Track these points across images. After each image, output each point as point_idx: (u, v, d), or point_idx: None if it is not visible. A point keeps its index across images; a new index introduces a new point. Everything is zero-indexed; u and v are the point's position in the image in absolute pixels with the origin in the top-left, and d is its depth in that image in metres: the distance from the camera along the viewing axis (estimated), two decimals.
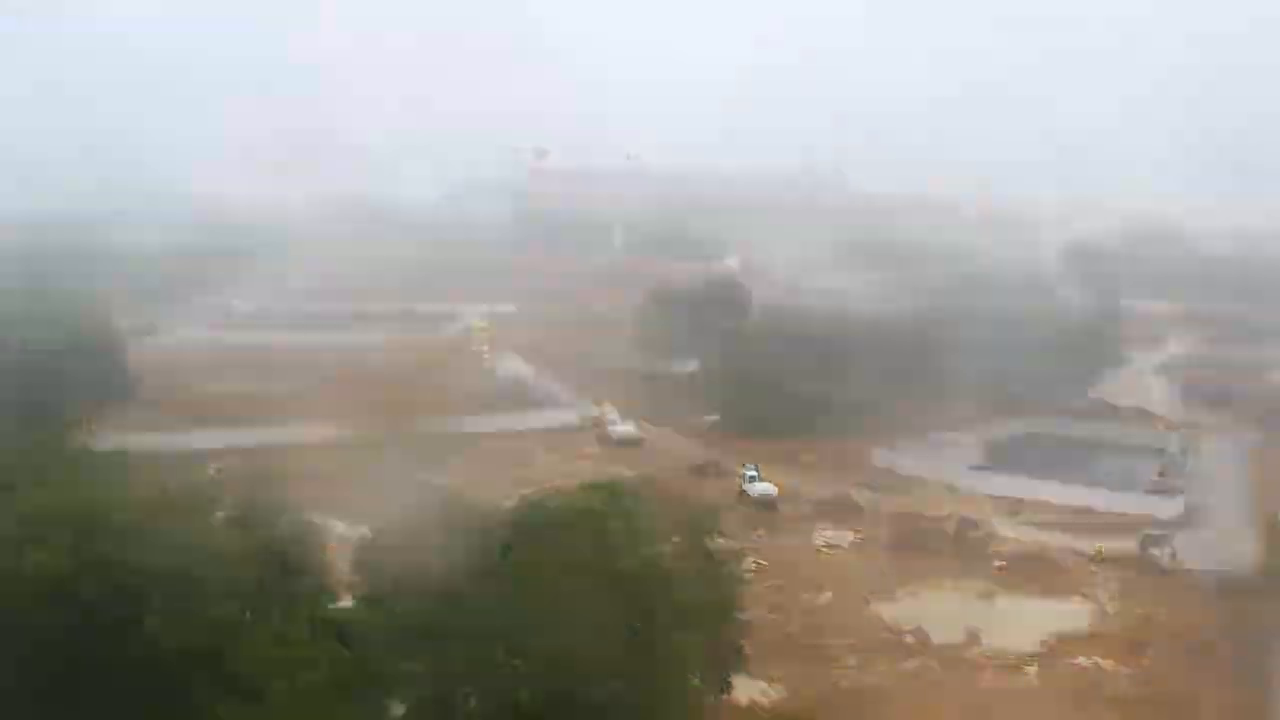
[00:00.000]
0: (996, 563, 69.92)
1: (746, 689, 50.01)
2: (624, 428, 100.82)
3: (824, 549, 73.02)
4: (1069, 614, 62.41)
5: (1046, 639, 58.49)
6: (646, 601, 38.79)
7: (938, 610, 62.45)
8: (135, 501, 33.99)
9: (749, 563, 62.31)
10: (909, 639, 58.53)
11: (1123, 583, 66.81)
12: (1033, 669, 55.04)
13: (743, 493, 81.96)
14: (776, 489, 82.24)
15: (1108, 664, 55.56)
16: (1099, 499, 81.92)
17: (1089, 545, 72.64)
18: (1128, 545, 71.04)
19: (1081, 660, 56.06)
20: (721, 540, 49.00)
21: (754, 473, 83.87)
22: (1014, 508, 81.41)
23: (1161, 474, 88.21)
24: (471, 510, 40.76)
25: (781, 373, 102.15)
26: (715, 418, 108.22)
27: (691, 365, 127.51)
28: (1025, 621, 60.73)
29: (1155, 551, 69.03)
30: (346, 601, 40.85)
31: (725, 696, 46.25)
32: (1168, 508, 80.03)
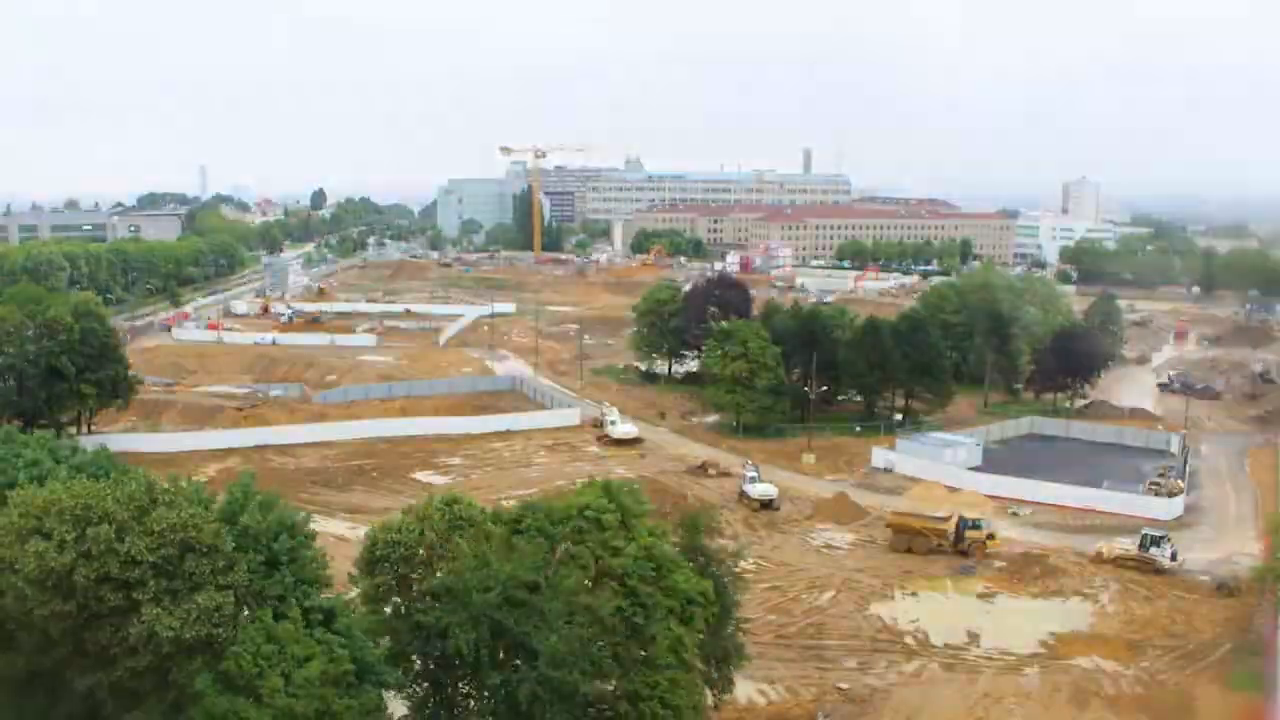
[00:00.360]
0: (997, 563, 69.90)
1: (746, 689, 50.03)
2: (624, 427, 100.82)
3: (824, 549, 72.98)
4: (1069, 614, 62.37)
5: (1046, 639, 58.48)
6: (646, 599, 38.84)
7: (937, 611, 62.45)
8: (131, 497, 34.30)
9: (749, 563, 62.20)
10: (909, 639, 58.47)
11: (1123, 583, 66.79)
12: (1033, 669, 55.00)
13: (743, 493, 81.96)
14: (776, 489, 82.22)
15: (1108, 664, 55.51)
16: (1099, 499, 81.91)
17: (1089, 545, 72.64)
18: (1128, 545, 70.96)
19: (1081, 660, 56.02)
20: (721, 540, 48.96)
21: (754, 473, 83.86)
22: (1014, 508, 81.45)
23: (1162, 474, 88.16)
24: (472, 509, 40.67)
25: (780, 372, 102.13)
26: (715, 418, 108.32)
27: (691, 365, 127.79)
28: (1025, 622, 60.71)
29: (1155, 551, 68.99)
30: (347, 599, 40.77)
31: (726, 696, 46.25)
32: (1168, 508, 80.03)
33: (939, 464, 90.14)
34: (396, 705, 38.56)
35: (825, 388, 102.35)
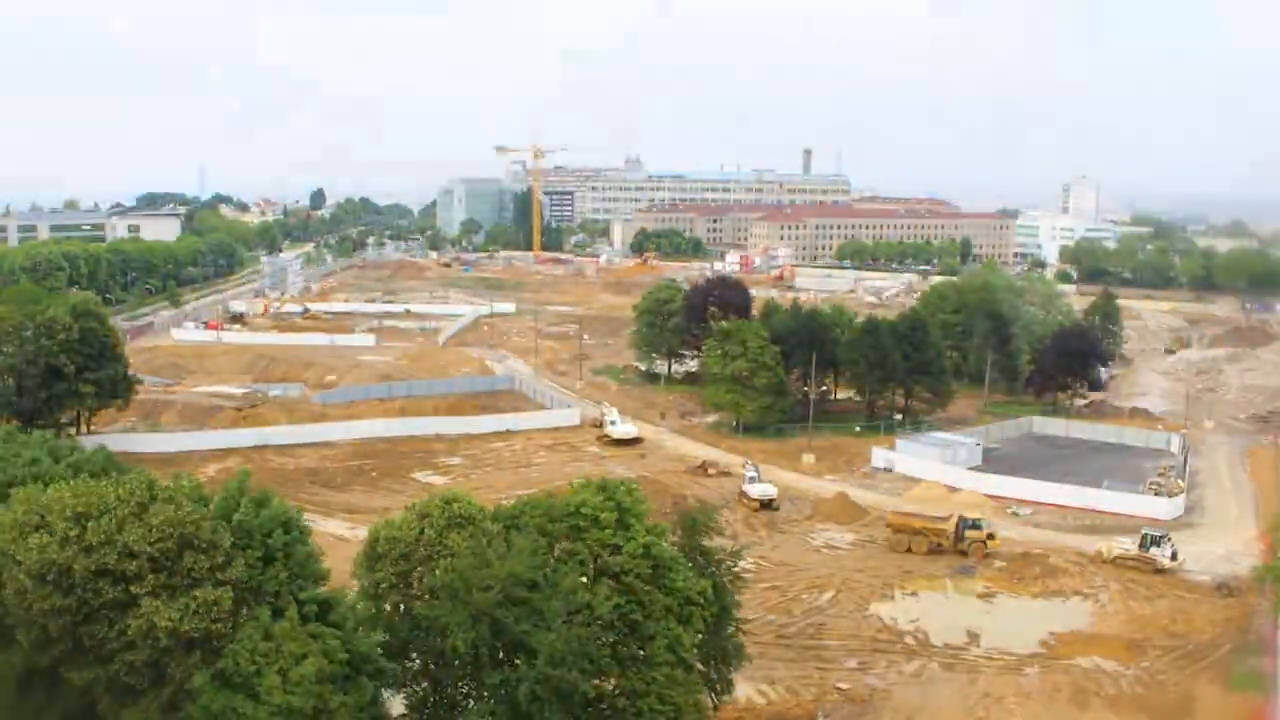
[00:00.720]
0: (997, 563, 69.85)
1: (746, 689, 49.95)
2: (624, 427, 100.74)
3: (824, 549, 72.91)
4: (1069, 614, 62.32)
5: (1046, 639, 58.40)
6: (644, 598, 38.81)
7: (937, 611, 62.39)
8: (131, 493, 34.51)
9: (749, 563, 62.13)
10: (909, 639, 58.41)
11: (1123, 583, 66.74)
12: (1033, 669, 54.93)
13: (743, 492, 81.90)
14: (776, 489, 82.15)
15: (1108, 664, 55.45)
16: (1099, 499, 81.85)
17: (1089, 545, 72.59)
18: (1128, 545, 70.89)
19: (1081, 660, 55.95)
20: (721, 540, 48.88)
21: (754, 473, 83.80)
22: (1014, 508, 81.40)
23: (1162, 474, 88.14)
24: (471, 507, 40.60)
25: (779, 372, 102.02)
26: (715, 418, 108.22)
27: (691, 365, 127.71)
28: (1025, 622, 60.67)
29: (1155, 551, 68.93)
30: (345, 598, 40.79)
31: (726, 696, 46.15)
32: (1168, 508, 79.98)
33: (939, 464, 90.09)
34: (396, 704, 38.57)
35: (824, 387, 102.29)
